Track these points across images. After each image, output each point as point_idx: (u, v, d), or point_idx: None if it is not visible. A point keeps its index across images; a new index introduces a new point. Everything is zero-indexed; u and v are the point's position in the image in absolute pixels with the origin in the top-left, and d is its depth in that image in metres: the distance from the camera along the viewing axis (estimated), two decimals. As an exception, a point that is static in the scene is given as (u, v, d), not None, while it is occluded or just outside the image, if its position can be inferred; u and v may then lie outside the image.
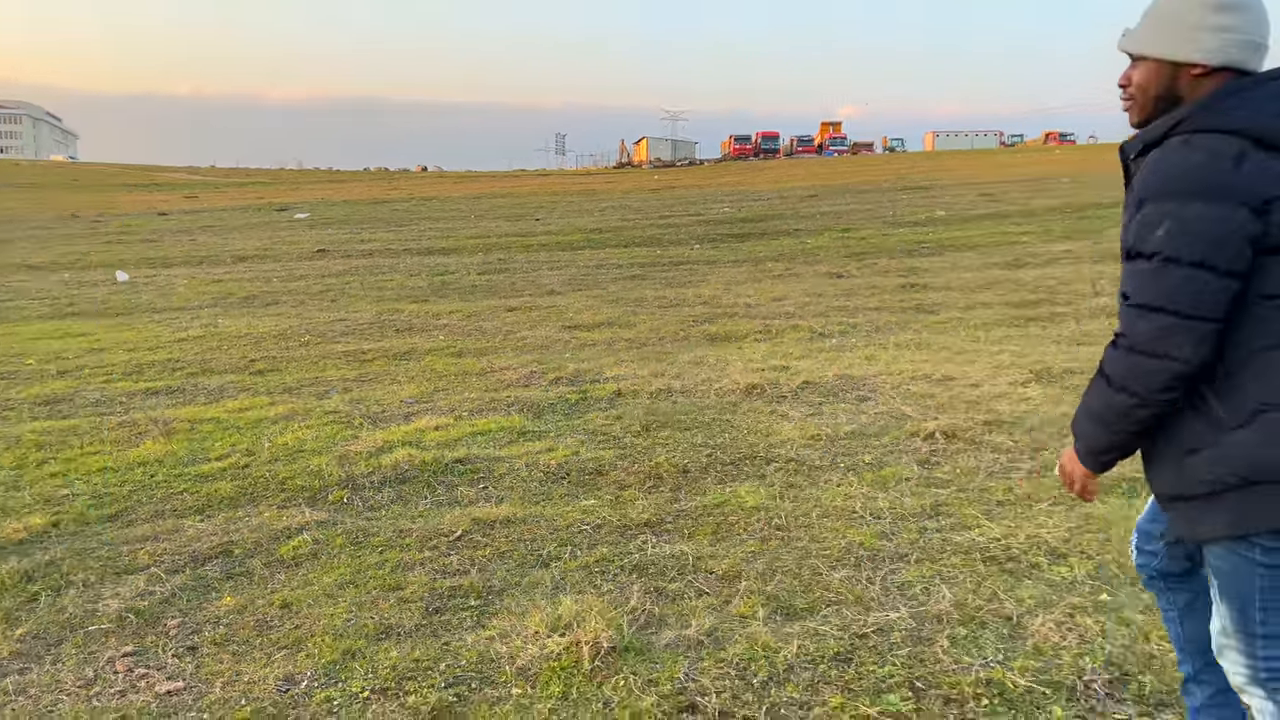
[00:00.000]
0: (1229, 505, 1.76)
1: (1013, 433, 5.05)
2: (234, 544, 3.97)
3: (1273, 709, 1.84)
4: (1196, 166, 1.67)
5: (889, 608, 3.16)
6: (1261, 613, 1.81)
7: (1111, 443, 1.82)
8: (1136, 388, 1.73)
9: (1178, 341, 1.68)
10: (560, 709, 2.64)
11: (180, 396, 6.84)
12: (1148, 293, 1.70)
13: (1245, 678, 1.86)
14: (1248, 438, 1.72)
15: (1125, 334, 1.74)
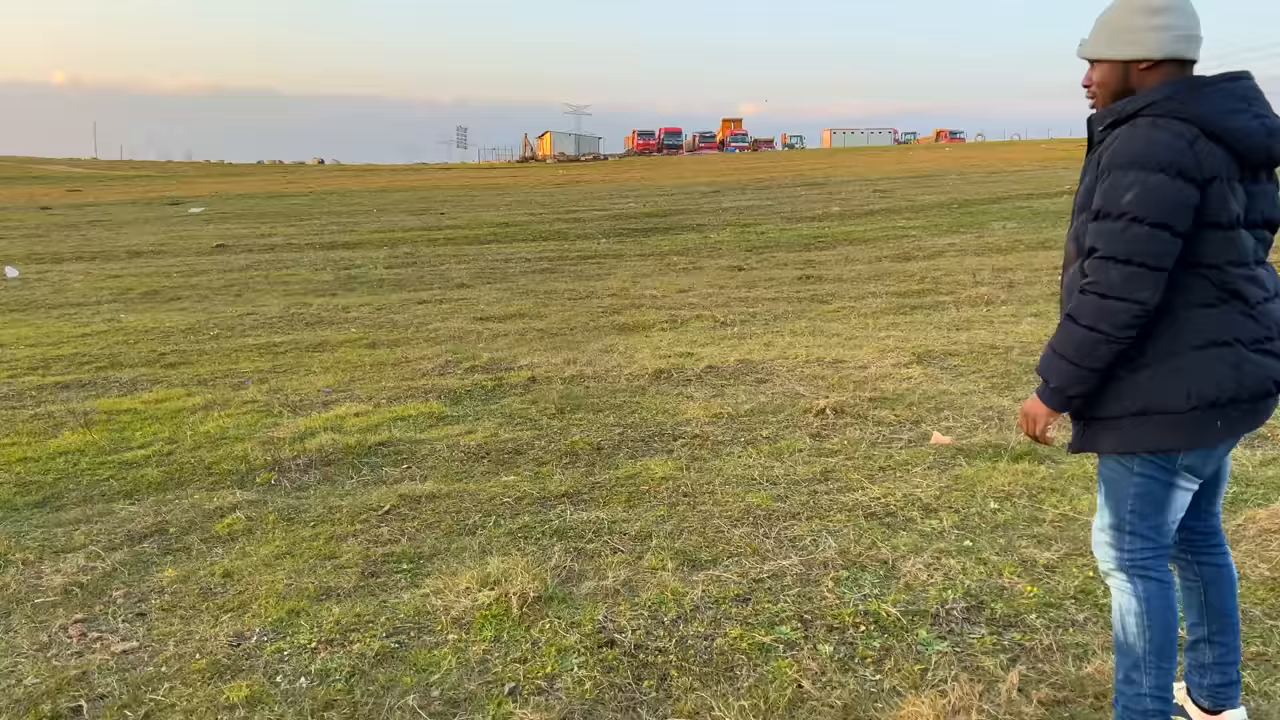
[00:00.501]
0: (1123, 429, 2.17)
1: (894, 408, 5.54)
2: (168, 523, 4.15)
3: (1129, 588, 2.26)
4: (1161, 144, 2.05)
5: (782, 557, 3.56)
6: (1131, 514, 2.23)
7: (1079, 377, 2.15)
8: (1105, 326, 2.08)
9: (1140, 286, 2.05)
10: (493, 649, 2.96)
11: (92, 389, 6.86)
12: (1117, 246, 2.06)
13: (1113, 564, 2.28)
14: (1149, 377, 2.13)
15: (1097, 281, 2.08)
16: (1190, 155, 2.04)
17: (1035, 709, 2.56)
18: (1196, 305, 2.12)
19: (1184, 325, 2.12)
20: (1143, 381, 2.14)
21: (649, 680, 2.78)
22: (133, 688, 2.81)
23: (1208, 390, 2.11)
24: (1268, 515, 3.72)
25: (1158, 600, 2.25)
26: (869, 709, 2.59)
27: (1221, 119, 2.08)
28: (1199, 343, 2.12)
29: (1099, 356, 2.11)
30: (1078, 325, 2.11)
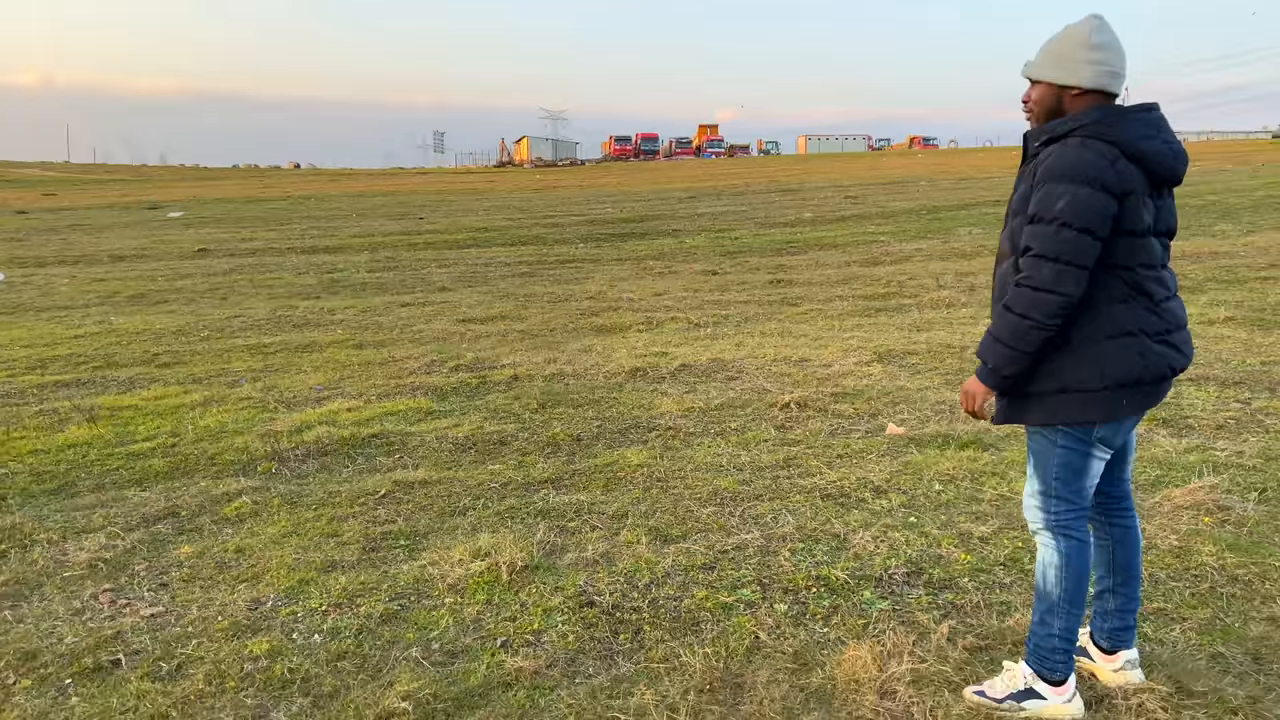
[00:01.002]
0: (1046, 404, 2.56)
1: (854, 402, 5.95)
2: (180, 507, 4.48)
3: (1053, 544, 2.63)
4: (1088, 162, 2.42)
5: (745, 532, 3.95)
6: (1056, 481, 2.61)
7: (1014, 359, 2.51)
8: (1037, 315, 2.45)
9: (1067, 281, 2.42)
10: (486, 610, 3.32)
11: (91, 388, 7.15)
12: (1049, 247, 2.43)
13: (1041, 524, 2.66)
14: (1071, 360, 2.52)
15: (1031, 275, 2.45)
16: (1112, 172, 2.42)
17: (960, 653, 2.94)
18: (1112, 300, 2.52)
19: (1101, 317, 2.51)
20: (1066, 363, 2.53)
21: (624, 634, 3.15)
22: (164, 644, 3.15)
23: (1118, 373, 2.51)
24: (1182, 493, 4.14)
25: (1076, 557, 2.64)
26: (816, 655, 2.97)
27: (1138, 143, 2.47)
28: (1113, 332, 2.51)
29: (1031, 341, 2.48)
30: (1013, 314, 2.48)
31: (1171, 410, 5.51)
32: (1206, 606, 3.23)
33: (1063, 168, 2.44)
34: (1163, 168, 2.50)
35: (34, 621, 3.35)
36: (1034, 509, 2.69)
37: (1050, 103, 2.60)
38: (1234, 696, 2.65)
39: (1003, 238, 2.68)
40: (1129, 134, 2.47)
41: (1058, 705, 2.63)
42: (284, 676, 2.92)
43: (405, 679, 2.86)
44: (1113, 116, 2.49)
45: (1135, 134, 2.48)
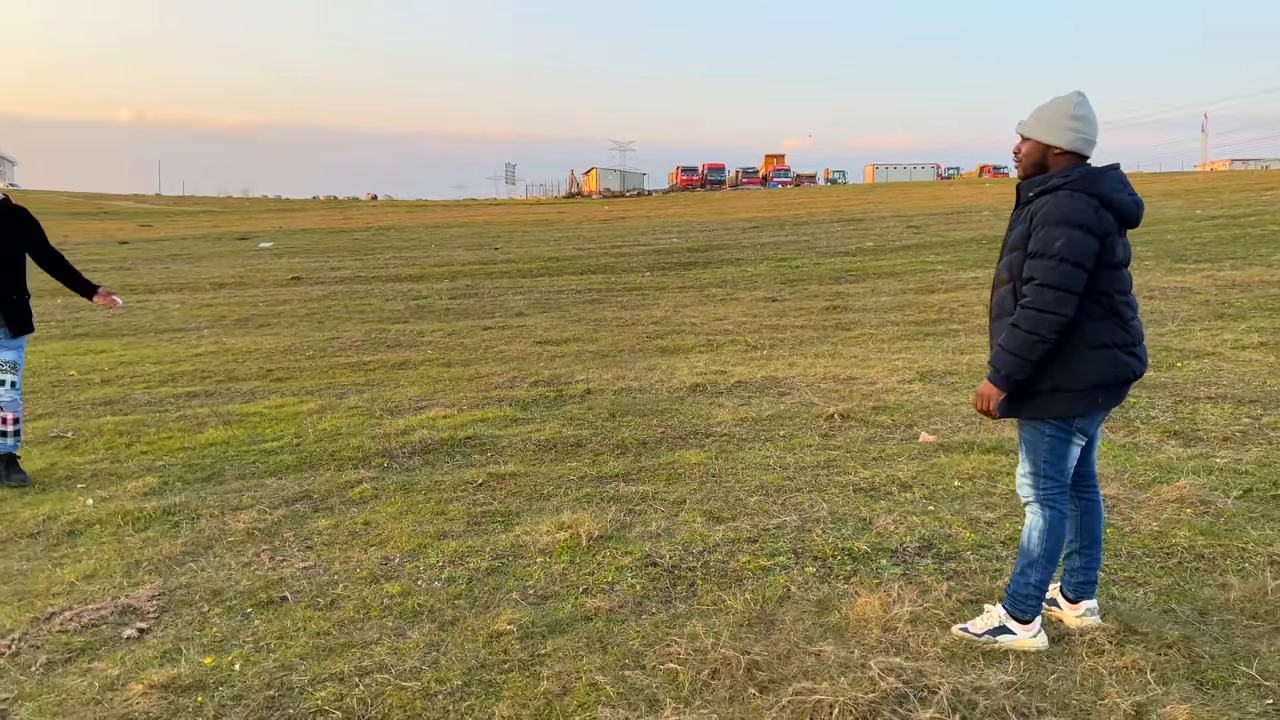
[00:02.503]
0: (1040, 401, 3.25)
1: (893, 414, 6.62)
2: (312, 491, 5.36)
3: (1040, 513, 3.30)
4: (1078, 210, 3.13)
5: (785, 515, 4.67)
6: (1045, 463, 3.30)
7: (1022, 367, 3.17)
8: (1042, 331, 3.12)
9: (1066, 304, 3.11)
10: (570, 567, 4.10)
11: (219, 398, 8.16)
12: (1050, 278, 3.11)
13: (1031, 497, 3.34)
14: (1057, 366, 3.20)
15: (1035, 300, 3.11)
16: (1095, 218, 3.15)
17: (953, 604, 3.63)
18: (1091, 319, 3.22)
19: (1083, 332, 3.22)
20: (1055, 369, 3.22)
21: (681, 585, 3.90)
22: (318, 586, 4.00)
23: (1095, 376, 3.21)
24: (1170, 489, 4.75)
25: (1056, 525, 3.33)
26: (836, 602, 3.68)
27: (1112, 195, 3.21)
28: (1092, 344, 3.22)
29: (1037, 351, 3.16)
30: (1022, 330, 3.15)
31: (1185, 424, 6.08)
32: (1170, 576, 3.86)
33: (1058, 214, 3.14)
34: (1129, 214, 3.24)
35: (214, 570, 4.24)
36: (1025, 486, 3.38)
37: (1036, 156, 3.33)
38: (1170, 634, 3.29)
39: (1000, 267, 3.38)
40: (1106, 189, 3.20)
41: (1025, 639, 3.30)
42: (414, 608, 3.74)
43: (508, 612, 3.66)
44: (1094, 175, 3.21)
45: (1110, 188, 3.21)
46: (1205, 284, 12.60)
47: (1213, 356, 8.11)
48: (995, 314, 3.40)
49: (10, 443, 5.72)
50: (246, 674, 3.25)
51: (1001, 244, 3.44)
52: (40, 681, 3.27)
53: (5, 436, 5.70)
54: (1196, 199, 31.41)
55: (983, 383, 3.28)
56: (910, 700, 2.91)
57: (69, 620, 3.70)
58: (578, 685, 3.10)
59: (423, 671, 3.23)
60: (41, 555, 4.53)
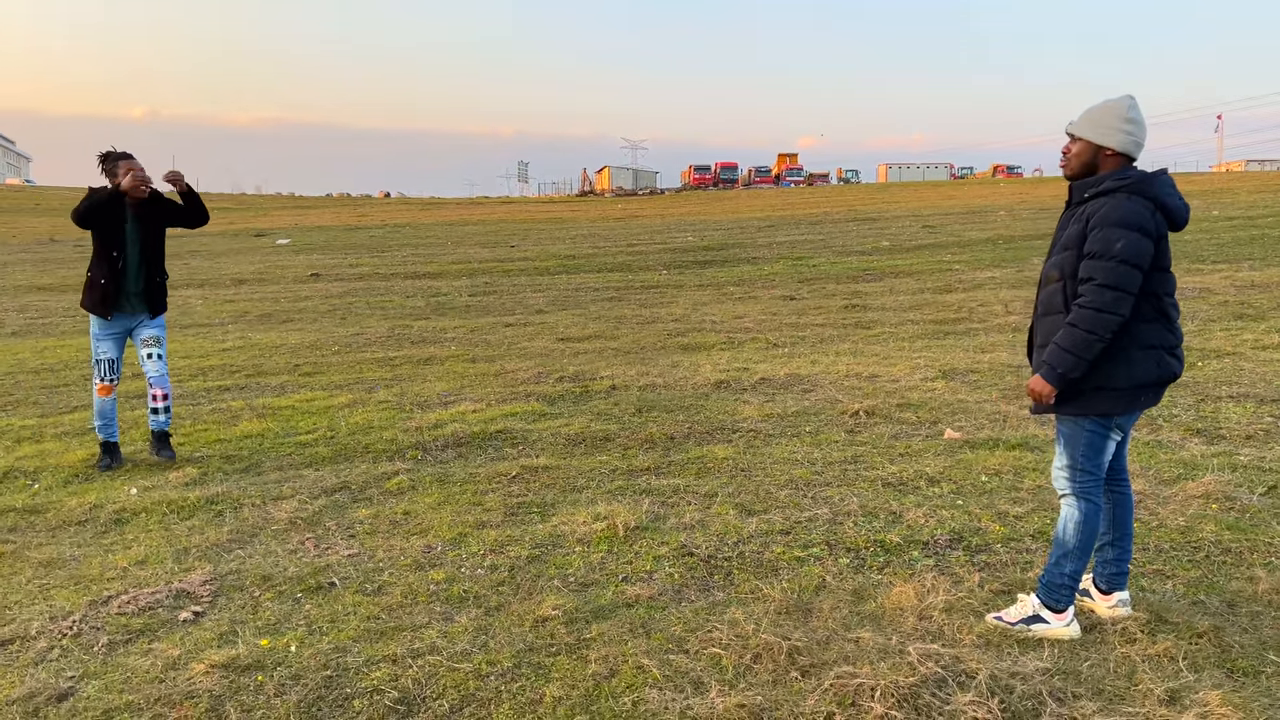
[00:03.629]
0: (1084, 398, 3.32)
1: (917, 411, 6.70)
2: (350, 483, 5.48)
3: (1075, 505, 3.38)
4: (1137, 213, 3.21)
5: (816, 509, 4.76)
6: (1082, 457, 3.38)
7: (1078, 365, 3.23)
8: (1100, 330, 3.19)
9: (1124, 305, 3.19)
10: (608, 556, 4.21)
11: (250, 392, 8.29)
12: (1110, 278, 3.18)
13: (1068, 489, 3.41)
14: (1108, 365, 3.28)
15: (1094, 300, 3.17)
16: (1152, 221, 3.23)
17: (985, 594, 3.72)
18: (1141, 320, 3.30)
19: (1134, 333, 3.29)
20: (1105, 367, 3.30)
21: (718, 574, 4.00)
22: (364, 573, 4.11)
23: (1141, 376, 3.30)
24: (1195, 485, 4.83)
25: (1091, 517, 3.41)
26: (871, 592, 3.77)
27: (1165, 198, 3.29)
28: (1141, 345, 3.30)
29: (1094, 350, 3.22)
30: (1081, 330, 3.21)
31: (1208, 422, 6.14)
32: (1198, 569, 3.94)
33: (1117, 216, 3.20)
34: (1179, 219, 3.32)
35: (261, 557, 4.35)
36: (1062, 479, 3.46)
37: (1087, 157, 3.40)
38: (1201, 624, 3.37)
39: (1049, 265, 3.44)
40: (1160, 192, 3.27)
41: (1059, 628, 3.39)
42: (460, 594, 3.85)
43: (552, 598, 3.76)
44: (1149, 179, 3.28)
45: (1163, 192, 3.28)
46: (1224, 284, 12.63)
47: (1233, 356, 8.16)
48: (1041, 311, 3.46)
49: (163, 419, 6.11)
50: (303, 655, 3.36)
51: (1051, 242, 3.51)
52: (104, 661, 3.39)
53: (157, 414, 6.10)
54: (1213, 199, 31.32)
55: (1034, 378, 3.33)
56: (949, 684, 3.00)
57: (126, 603, 3.82)
58: (624, 668, 3.19)
59: (473, 654, 3.33)
60: (91, 542, 4.65)
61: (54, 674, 3.29)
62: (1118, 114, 3.31)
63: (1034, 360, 3.50)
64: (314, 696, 3.11)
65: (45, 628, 3.65)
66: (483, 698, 3.07)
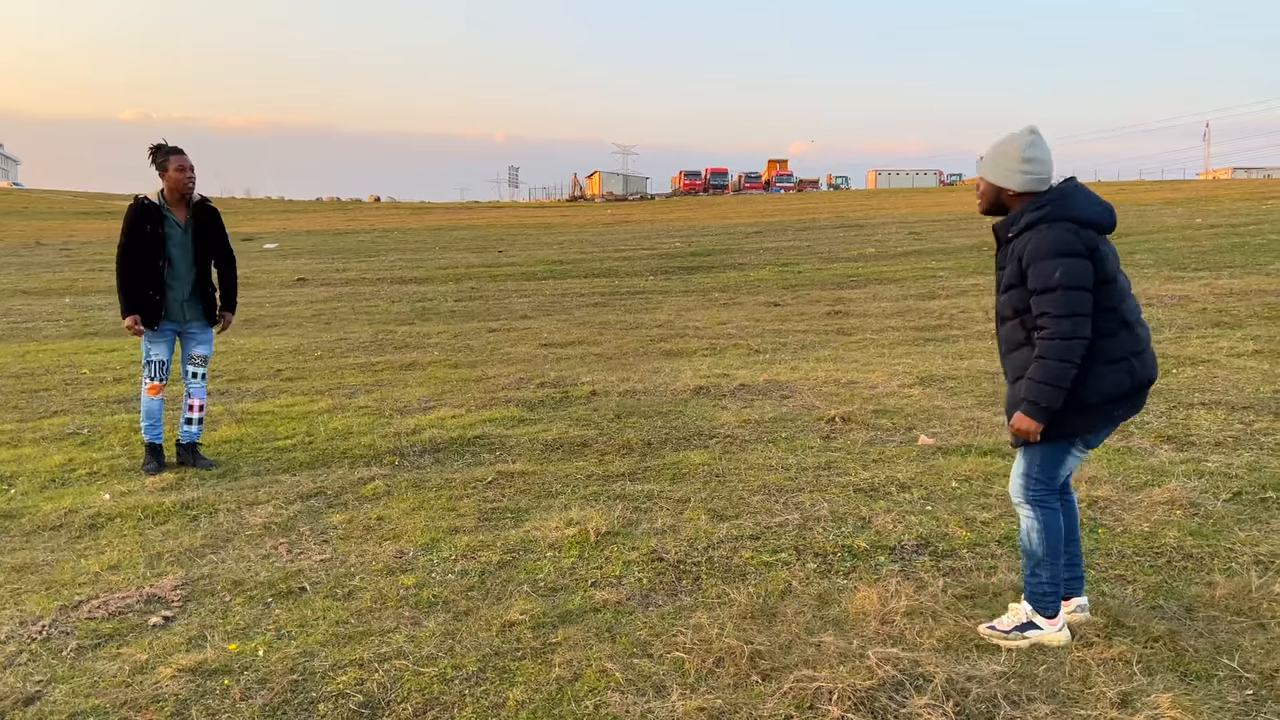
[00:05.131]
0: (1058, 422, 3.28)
1: (893, 418, 6.76)
2: (326, 488, 5.50)
3: (1032, 514, 3.43)
4: (1062, 239, 3.25)
5: (787, 514, 4.81)
6: (1038, 469, 3.43)
7: (1058, 395, 3.26)
8: (1071, 357, 3.22)
9: (1082, 328, 3.22)
10: (579, 561, 4.24)
11: (230, 397, 8.30)
12: (1061, 307, 3.21)
13: (1022, 497, 3.47)
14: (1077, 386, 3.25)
15: (1056, 332, 3.20)
16: (1079, 240, 3.27)
17: (948, 598, 3.77)
18: (1104, 335, 3.34)
19: (1099, 349, 3.33)
20: (1074, 389, 3.32)
21: (686, 579, 4.04)
22: (336, 578, 4.14)
23: (1110, 390, 3.33)
24: (1161, 491, 4.89)
25: (1051, 521, 3.46)
26: (835, 596, 3.82)
27: (1084, 213, 3.34)
28: (1107, 359, 3.32)
29: (1069, 378, 3.25)
30: (1052, 361, 3.23)
31: (1179, 429, 6.21)
32: (1159, 574, 4.00)
33: (1046, 248, 3.24)
34: (1105, 225, 3.37)
35: (234, 562, 4.38)
36: (1018, 487, 3.52)
37: (992, 196, 3.48)
38: (1157, 629, 3.42)
39: (1001, 303, 3.47)
40: (1078, 209, 3.33)
41: (1051, 634, 3.42)
42: (430, 599, 3.88)
43: (520, 604, 3.80)
44: (1063, 200, 3.32)
45: (1080, 207, 3.33)
46: (1203, 292, 12.74)
47: (1208, 363, 8.24)
48: (1005, 350, 3.50)
49: (194, 430, 6.16)
50: (270, 659, 3.39)
51: (996, 283, 3.56)
52: (72, 665, 3.41)
53: (191, 424, 6.15)
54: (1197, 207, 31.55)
55: (1018, 416, 3.33)
56: (906, 687, 3.04)
57: (96, 608, 3.84)
58: (588, 671, 3.23)
59: (439, 658, 3.37)
60: (65, 547, 4.67)
61: (21, 678, 3.32)
62: (1015, 155, 3.34)
63: (1008, 394, 3.50)
64: (279, 700, 3.14)
65: (15, 632, 3.67)
66: (447, 702, 3.10)
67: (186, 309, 5.99)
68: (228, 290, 6.22)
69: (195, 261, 5.96)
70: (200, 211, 6.01)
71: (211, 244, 6.07)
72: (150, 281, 5.83)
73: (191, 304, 6.01)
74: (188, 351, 6.11)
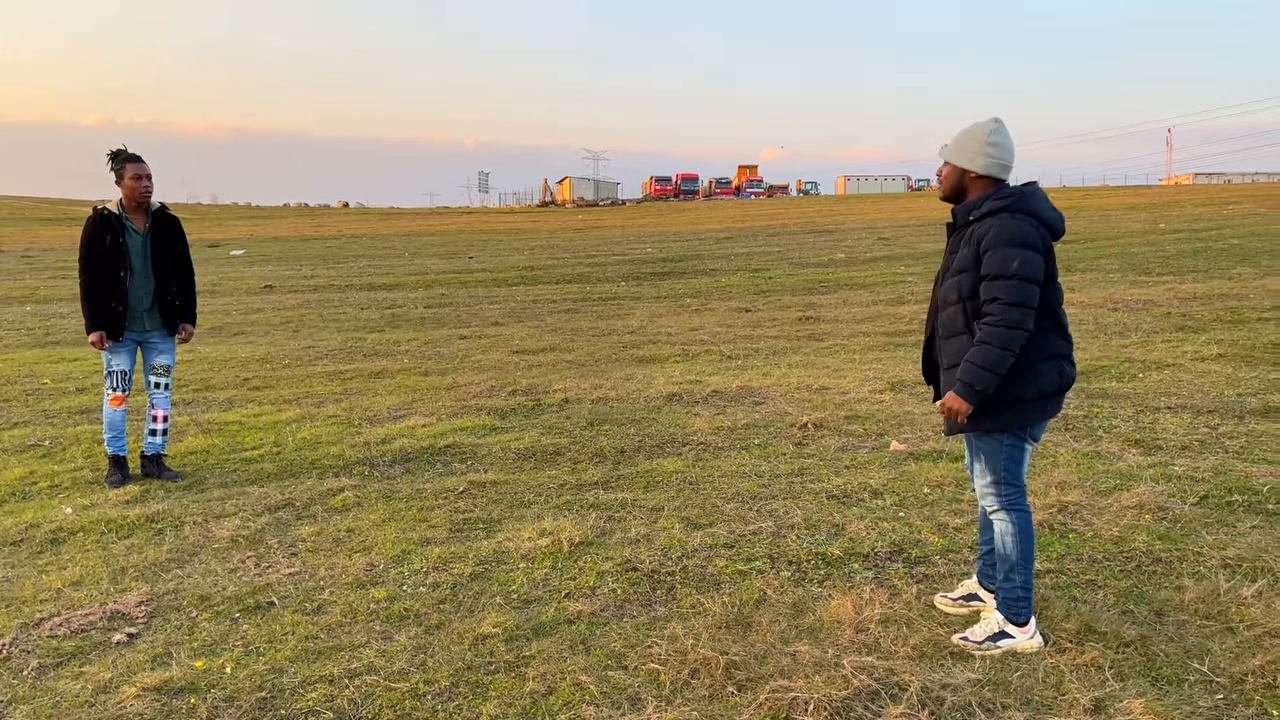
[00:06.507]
0: (998, 413, 3.39)
1: (864, 423, 6.78)
2: (294, 499, 5.42)
3: (1007, 518, 3.46)
4: (1025, 231, 3.30)
5: (761, 521, 4.80)
6: (1004, 472, 3.46)
7: (993, 381, 3.30)
8: (1012, 346, 3.27)
9: (1029, 319, 3.27)
10: (552, 572, 4.21)
11: (197, 406, 8.18)
12: (1014, 296, 3.26)
13: (995, 506, 3.49)
14: (1016, 379, 3.34)
15: (1003, 319, 3.25)
16: (1037, 236, 3.34)
17: (922, 606, 3.77)
18: (1041, 332, 3.39)
19: (1035, 345, 3.37)
20: (1012, 382, 3.37)
21: (661, 589, 4.02)
22: (305, 592, 4.07)
23: (1047, 385, 3.40)
24: (1129, 495, 4.94)
25: (1025, 525, 3.49)
26: (810, 605, 3.81)
27: (1044, 212, 3.40)
28: (1043, 356, 3.40)
29: (1006, 365, 3.30)
30: (994, 347, 3.28)
31: (1146, 433, 6.28)
32: (1129, 579, 4.03)
33: (1008, 236, 3.30)
34: (1058, 230, 3.47)
35: (200, 576, 4.30)
36: (990, 496, 3.53)
37: (955, 180, 3.52)
38: (1128, 634, 3.44)
39: (946, 288, 3.51)
40: (1038, 207, 3.40)
41: (1024, 641, 3.44)
42: (401, 613, 3.83)
43: (493, 616, 3.75)
44: (1027, 196, 3.40)
45: (1041, 207, 3.40)
46: (1168, 296, 12.92)
47: (1173, 368, 8.35)
48: (944, 334, 3.53)
49: (159, 441, 6.05)
50: (238, 676, 3.33)
51: (942, 265, 3.59)
52: (33, 685, 3.33)
53: (155, 436, 6.04)
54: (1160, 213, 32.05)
55: (949, 396, 3.39)
56: (881, 697, 3.04)
57: (58, 626, 3.75)
58: (562, 685, 3.20)
59: (411, 673, 3.32)
60: (26, 563, 4.56)
61: (-20, 700, 3.23)
62: (980, 138, 3.41)
63: (942, 380, 3.56)
64: (248, 718, 3.07)
65: (-27, 652, 3.57)
66: (419, 717, 3.05)
67: (147, 318, 5.91)
68: (185, 300, 6.11)
69: (154, 270, 5.85)
70: (159, 219, 5.92)
71: (171, 253, 5.97)
72: (112, 292, 5.74)
73: (151, 314, 5.91)
74: (149, 361, 6.01)
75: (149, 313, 5.89)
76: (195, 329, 6.26)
